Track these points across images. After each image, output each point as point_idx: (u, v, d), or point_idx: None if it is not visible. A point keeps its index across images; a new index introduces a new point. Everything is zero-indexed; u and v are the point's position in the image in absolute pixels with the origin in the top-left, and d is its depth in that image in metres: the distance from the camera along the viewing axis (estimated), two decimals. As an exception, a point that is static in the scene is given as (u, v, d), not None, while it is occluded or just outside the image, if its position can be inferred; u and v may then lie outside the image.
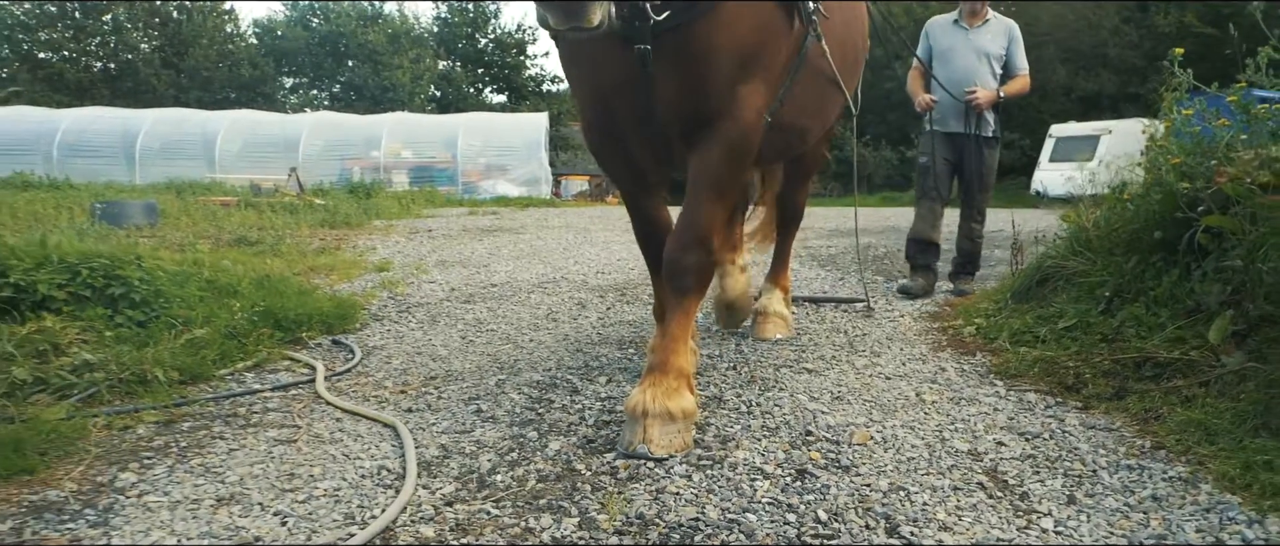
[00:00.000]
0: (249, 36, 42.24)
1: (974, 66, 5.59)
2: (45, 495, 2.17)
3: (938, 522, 1.99)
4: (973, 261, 5.86)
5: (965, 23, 5.74)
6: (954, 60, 5.65)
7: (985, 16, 5.74)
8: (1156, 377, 3.00)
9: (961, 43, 5.66)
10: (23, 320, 3.64)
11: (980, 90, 5.50)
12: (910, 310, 5.08)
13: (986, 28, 5.71)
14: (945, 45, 5.73)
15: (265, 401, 3.11)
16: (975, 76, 5.57)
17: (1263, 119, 3.60)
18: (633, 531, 1.97)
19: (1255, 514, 2.04)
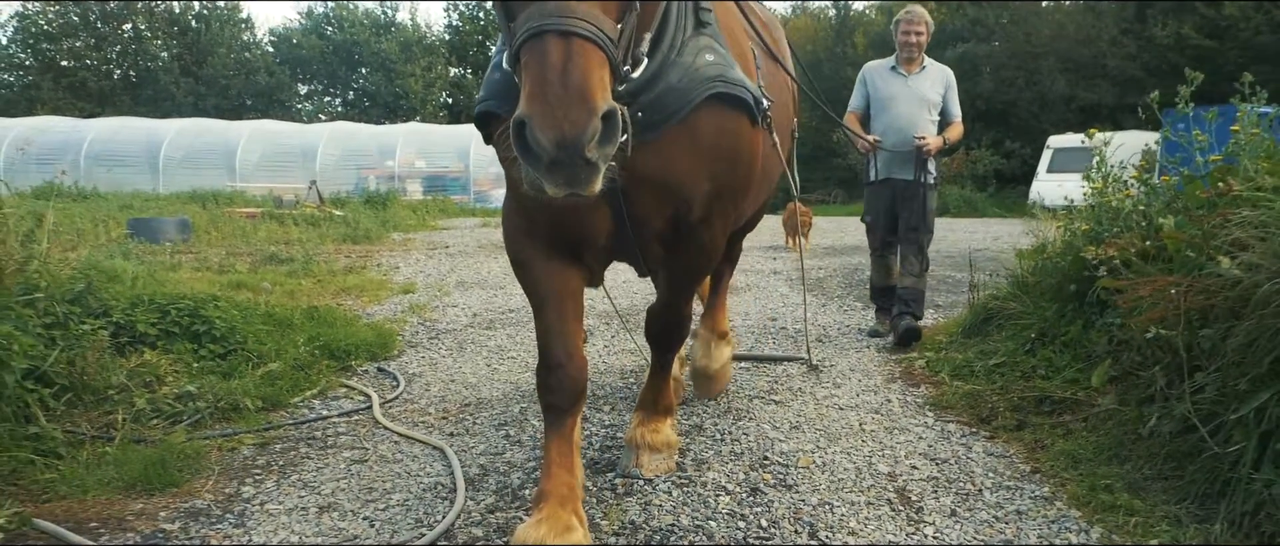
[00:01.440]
0: (265, 45, 43.25)
1: (915, 114, 5.60)
2: (193, 504, 2.92)
3: (848, 529, 2.72)
4: (917, 302, 5.72)
5: (903, 69, 5.72)
6: (895, 107, 5.64)
7: (922, 63, 5.75)
8: (1051, 412, 3.73)
9: (902, 90, 5.66)
10: (124, 353, 4.41)
11: (929, 137, 5.52)
12: (876, 341, 5.80)
13: (925, 74, 5.71)
14: (886, 93, 5.70)
15: (335, 426, 3.86)
16: (917, 123, 5.57)
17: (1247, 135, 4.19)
18: (626, 534, 2.71)
19: (1087, 524, 2.77)
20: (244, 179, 25.32)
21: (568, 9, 1.75)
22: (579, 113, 1.66)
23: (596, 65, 1.74)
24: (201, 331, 4.69)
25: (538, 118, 1.67)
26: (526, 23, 1.76)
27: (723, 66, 2.43)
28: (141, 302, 4.75)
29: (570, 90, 1.68)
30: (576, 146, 1.66)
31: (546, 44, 1.72)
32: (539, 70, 1.71)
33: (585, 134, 1.67)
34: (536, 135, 1.67)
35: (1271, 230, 2.81)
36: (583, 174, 1.73)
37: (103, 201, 20.04)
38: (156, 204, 20.21)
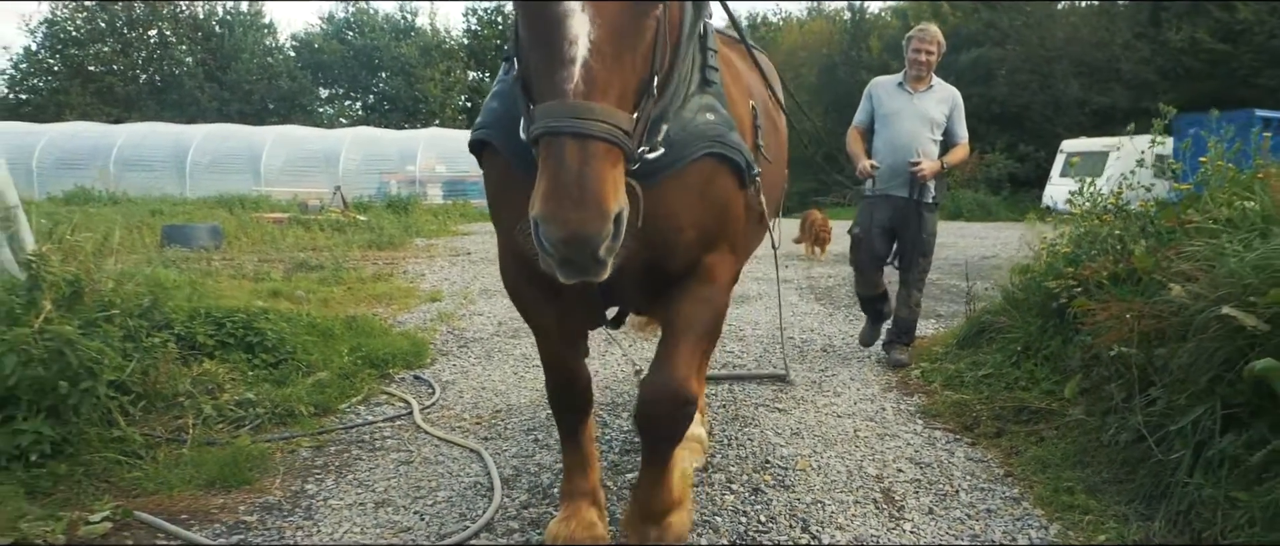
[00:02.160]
0: (287, 49, 43.93)
1: (917, 132, 5.56)
2: (266, 499, 3.35)
3: (836, 525, 3.12)
4: (909, 331, 5.84)
5: (910, 87, 5.69)
6: (897, 124, 5.60)
7: (930, 82, 5.71)
8: (1028, 421, 4.12)
9: (906, 107, 5.62)
10: (187, 363, 4.85)
11: (924, 163, 5.44)
12: (875, 350, 6.18)
13: (931, 93, 5.68)
14: (890, 108, 5.67)
15: (381, 430, 4.28)
16: (918, 142, 5.54)
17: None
18: (643, 527, 3.11)
19: (1047, 522, 3.15)
20: (269, 183, 25.90)
21: (586, 110, 1.77)
22: (593, 219, 1.72)
23: (611, 167, 1.79)
24: (254, 342, 5.13)
25: (553, 222, 1.73)
26: (544, 120, 1.80)
27: (722, 128, 2.44)
28: (199, 315, 5.19)
29: (586, 195, 1.72)
30: (590, 248, 1.74)
31: (563, 147, 1.76)
32: (555, 172, 1.75)
33: (598, 238, 1.73)
34: (551, 237, 1.74)
35: (1213, 263, 3.19)
36: (593, 268, 1.81)
37: (133, 206, 20.61)
38: (185, 208, 20.76)
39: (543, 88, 1.85)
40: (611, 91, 1.82)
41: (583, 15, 1.80)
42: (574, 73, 1.79)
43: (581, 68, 1.79)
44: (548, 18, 1.82)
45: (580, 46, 1.80)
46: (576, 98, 1.78)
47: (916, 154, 5.50)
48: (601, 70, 1.80)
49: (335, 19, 44.70)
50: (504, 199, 2.50)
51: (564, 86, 1.79)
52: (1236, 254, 3.10)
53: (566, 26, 1.80)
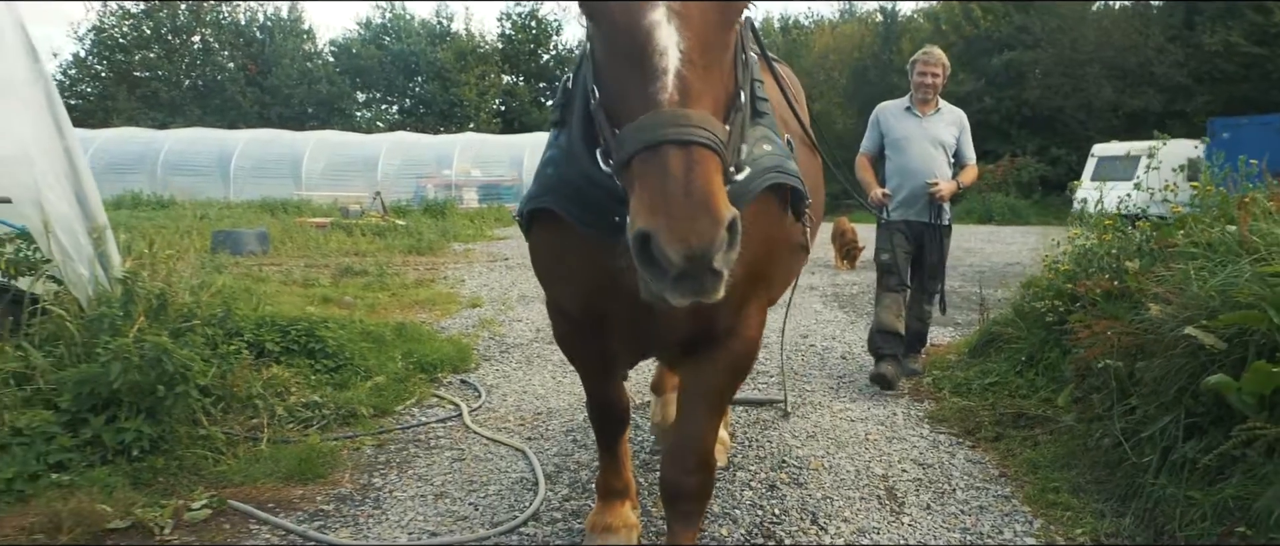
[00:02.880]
0: (326, 55, 44.78)
1: (930, 155, 5.61)
2: (339, 491, 3.80)
3: (842, 518, 3.52)
4: (921, 339, 5.97)
5: (918, 111, 5.72)
6: (909, 149, 5.64)
7: (937, 105, 5.75)
8: (1025, 426, 4.48)
9: (916, 131, 5.65)
10: (256, 368, 5.33)
11: (942, 183, 5.54)
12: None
13: (940, 116, 5.72)
14: (899, 133, 5.69)
15: (434, 430, 4.73)
16: (932, 165, 5.59)
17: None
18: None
19: (1033, 518, 3.52)
20: (309, 187, 26.62)
21: (684, 117, 1.71)
22: (707, 224, 1.62)
23: (716, 172, 1.71)
24: (316, 349, 5.61)
25: (665, 232, 1.62)
26: (641, 134, 1.72)
27: (780, 157, 2.45)
28: (266, 324, 5.68)
29: (695, 202, 1.64)
30: (706, 258, 1.63)
31: (666, 155, 1.67)
32: (660, 182, 1.66)
33: (714, 245, 1.62)
34: (664, 249, 1.62)
35: (1184, 286, 3.54)
36: (709, 283, 1.69)
37: (180, 210, 21.34)
38: (229, 212, 21.47)
39: (633, 105, 1.78)
40: (705, 101, 1.78)
41: (670, 25, 1.77)
42: (668, 82, 1.74)
43: (675, 77, 1.75)
44: (634, 32, 1.77)
45: (671, 56, 1.75)
46: (672, 106, 1.72)
47: (933, 177, 5.55)
48: (695, 79, 1.77)
49: (372, 24, 45.63)
50: (563, 262, 2.53)
51: (659, 97, 1.74)
52: (1201, 279, 3.45)
53: (655, 37, 1.76)
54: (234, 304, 5.85)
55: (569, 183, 2.31)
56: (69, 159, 4.95)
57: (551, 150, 2.48)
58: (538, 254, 2.69)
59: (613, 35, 1.84)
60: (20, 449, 3.70)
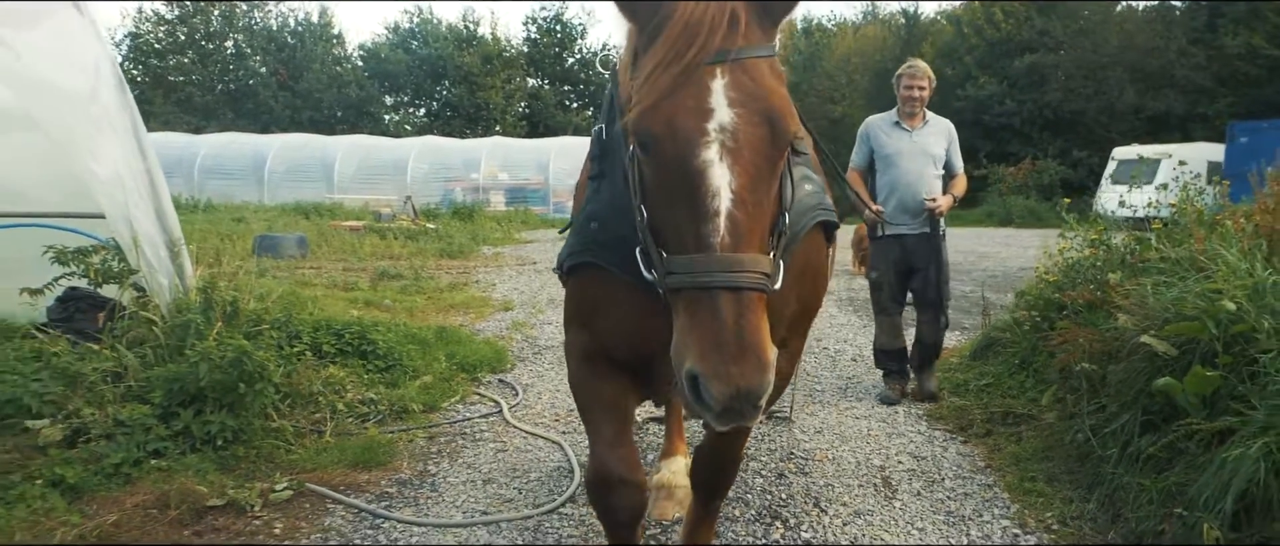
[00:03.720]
0: (355, 59, 45.61)
1: (922, 169, 5.64)
2: (399, 476, 4.32)
3: (841, 502, 4.00)
4: (936, 351, 5.91)
5: (907, 125, 5.73)
6: (901, 163, 5.65)
7: (925, 117, 5.78)
8: (1012, 423, 4.94)
9: (907, 146, 5.67)
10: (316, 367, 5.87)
11: (940, 199, 5.61)
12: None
13: (928, 128, 5.74)
14: (890, 148, 5.71)
15: (478, 425, 5.25)
16: (924, 180, 5.63)
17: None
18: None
19: (1011, 503, 3.99)
20: (341, 190, 27.33)
21: (736, 262, 1.76)
22: (754, 371, 1.70)
23: (764, 314, 1.79)
24: (368, 350, 6.15)
25: (714, 378, 1.70)
26: (693, 276, 1.77)
27: (820, 194, 2.54)
28: (322, 327, 6.22)
29: (746, 349, 1.71)
30: (752, 400, 1.72)
31: (718, 300, 1.74)
32: (712, 327, 1.73)
33: (760, 389, 1.71)
34: (712, 393, 1.70)
35: (1144, 300, 4.00)
36: (750, 414, 1.76)
37: (217, 213, 22.07)
38: (264, 215, 22.17)
39: (684, 239, 1.83)
40: (754, 239, 1.82)
41: (722, 164, 1.79)
42: (720, 225, 1.77)
43: (727, 220, 1.78)
44: (685, 171, 1.80)
45: (723, 198, 1.78)
46: (724, 250, 1.77)
47: (925, 191, 5.61)
48: (745, 219, 1.79)
49: (400, 28, 46.45)
50: (606, 308, 2.49)
51: (711, 240, 1.77)
52: (1158, 294, 3.90)
53: (708, 178, 1.79)
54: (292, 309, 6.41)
55: (613, 244, 2.30)
56: (150, 180, 5.51)
57: (593, 204, 2.47)
58: (580, 302, 2.64)
59: (663, 167, 1.85)
60: (123, 437, 4.25)
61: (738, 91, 1.81)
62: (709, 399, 1.72)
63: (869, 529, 3.73)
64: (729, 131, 1.79)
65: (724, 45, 1.81)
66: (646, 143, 1.86)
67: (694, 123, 1.79)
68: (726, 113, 1.79)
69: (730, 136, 1.79)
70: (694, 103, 1.79)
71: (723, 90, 1.80)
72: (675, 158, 1.80)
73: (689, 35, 1.80)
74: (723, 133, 1.78)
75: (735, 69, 1.82)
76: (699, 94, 1.80)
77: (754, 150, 1.81)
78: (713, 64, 1.81)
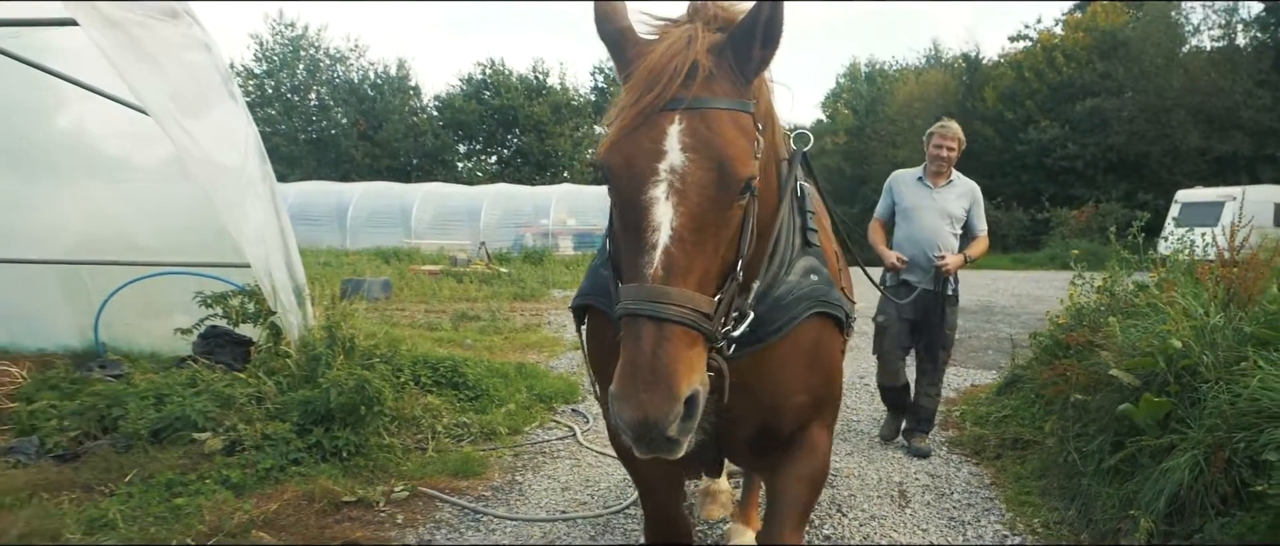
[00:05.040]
0: (430, 110, 47.61)
1: (937, 227, 5.75)
2: (491, 484, 5.21)
3: (860, 508, 4.76)
4: (930, 419, 6.06)
5: (930, 182, 5.87)
6: (918, 219, 5.78)
7: (949, 177, 5.90)
8: (1020, 448, 5.63)
9: (926, 202, 5.80)
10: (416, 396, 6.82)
11: (949, 256, 5.68)
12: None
13: (951, 188, 5.86)
14: (910, 203, 5.85)
15: (555, 447, 6.12)
16: (938, 237, 5.73)
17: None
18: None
19: (1006, 512, 4.71)
20: (418, 236, 28.74)
21: (663, 294, 1.84)
22: (662, 399, 1.77)
23: (685, 348, 1.84)
24: (459, 382, 7.09)
25: (623, 400, 1.79)
26: (625, 303, 1.87)
27: (825, 287, 2.56)
28: (420, 361, 7.19)
29: (657, 377, 1.78)
30: (659, 429, 1.77)
31: (640, 329, 1.82)
32: (632, 353, 1.82)
33: (667, 418, 1.77)
34: (622, 416, 1.79)
35: (1119, 341, 4.71)
36: (665, 447, 1.83)
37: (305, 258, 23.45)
38: (348, 260, 23.54)
39: (628, 270, 1.94)
40: (691, 276, 1.89)
41: (666, 204, 1.88)
42: (655, 258, 1.87)
43: (662, 253, 1.87)
44: (635, 205, 1.91)
45: (662, 234, 1.87)
46: (655, 282, 1.85)
47: (938, 248, 5.71)
48: (681, 256, 1.88)
49: (473, 79, 48.35)
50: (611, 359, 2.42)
51: (645, 271, 1.87)
52: (1127, 333, 4.62)
53: (651, 214, 1.89)
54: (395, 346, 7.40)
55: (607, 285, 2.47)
56: (283, 237, 6.55)
57: (599, 256, 2.72)
58: (592, 345, 2.75)
59: (619, 201, 1.98)
60: (270, 448, 5.22)
61: (692, 137, 1.91)
62: (619, 423, 1.82)
63: (881, 530, 4.50)
64: (678, 173, 1.89)
65: (680, 93, 1.93)
66: (607, 176, 2.01)
67: (647, 163, 1.91)
68: (678, 156, 1.90)
69: (678, 178, 1.89)
70: (650, 144, 1.92)
71: (677, 135, 1.91)
72: (628, 192, 1.93)
73: (650, 81, 1.94)
74: (672, 173, 1.89)
75: (693, 116, 1.93)
76: (655, 136, 1.92)
77: (700, 192, 1.90)
78: (669, 110, 1.93)
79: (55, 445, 5.55)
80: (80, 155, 7.54)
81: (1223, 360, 4.07)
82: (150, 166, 7.54)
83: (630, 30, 2.10)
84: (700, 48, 1.96)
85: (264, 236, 6.20)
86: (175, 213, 7.56)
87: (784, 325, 2.42)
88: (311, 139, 44.90)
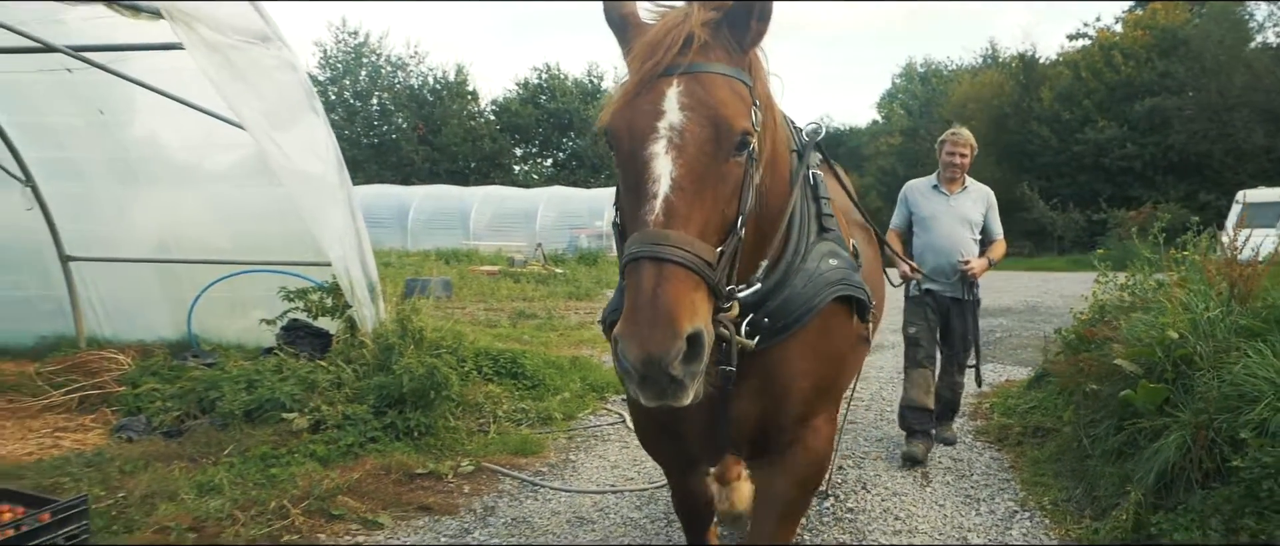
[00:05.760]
0: (488, 114, 48.63)
1: (957, 234, 5.79)
2: (548, 462, 5.74)
3: (883, 485, 5.19)
4: (954, 408, 6.28)
5: (945, 189, 5.91)
6: (937, 227, 5.82)
7: (964, 183, 5.93)
8: (1041, 435, 6.00)
9: (944, 209, 5.84)
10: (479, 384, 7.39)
11: (973, 260, 5.73)
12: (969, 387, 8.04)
13: (966, 194, 5.90)
14: (927, 211, 5.88)
15: (605, 431, 6.63)
16: (959, 243, 5.77)
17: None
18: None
19: (1021, 492, 5.10)
20: (476, 238, 29.55)
21: (662, 236, 1.88)
22: (664, 335, 1.78)
23: (687, 289, 1.86)
24: (517, 372, 7.65)
25: (627, 338, 1.81)
26: (628, 250, 1.93)
27: (846, 270, 2.61)
28: (481, 353, 7.76)
29: (659, 313, 1.80)
30: (661, 364, 1.78)
31: (641, 269, 1.86)
32: (634, 294, 1.86)
33: (669, 354, 1.78)
34: (625, 353, 1.82)
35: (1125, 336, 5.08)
36: (670, 389, 1.85)
37: (368, 259, 24.36)
38: (410, 261, 24.35)
39: (631, 225, 2.01)
40: (692, 224, 1.95)
41: (666, 158, 1.97)
42: (656, 206, 1.93)
43: (662, 201, 1.93)
44: (637, 161, 2.00)
45: (662, 184, 1.95)
46: (656, 227, 1.91)
47: (960, 255, 5.73)
48: (681, 204, 1.94)
49: (530, 84, 49.26)
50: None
51: (646, 219, 1.93)
52: (1131, 326, 4.98)
53: (651, 168, 1.97)
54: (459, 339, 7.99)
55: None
56: (358, 237, 7.16)
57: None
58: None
59: (622, 162, 2.07)
60: (350, 427, 5.81)
61: (689, 98, 2.02)
62: (625, 362, 1.84)
63: (901, 504, 4.93)
64: (676, 130, 1.99)
65: (676, 61, 2.04)
66: (611, 140, 2.10)
67: (647, 122, 2.01)
68: (676, 115, 2.00)
69: (677, 134, 1.98)
70: (650, 106, 2.02)
71: (676, 96, 2.02)
72: (630, 151, 2.03)
73: (648, 51, 2.06)
74: (671, 131, 1.99)
75: (690, 80, 2.04)
76: (654, 98, 2.02)
77: (698, 147, 1.99)
78: (668, 76, 2.04)
79: (160, 423, 6.25)
80: (158, 163, 8.16)
81: (1216, 350, 4.43)
82: (219, 172, 8.17)
83: (634, 14, 2.24)
84: (696, 21, 2.07)
85: (343, 237, 6.81)
86: (247, 215, 8.18)
87: (805, 314, 2.47)
88: (373, 143, 46.14)
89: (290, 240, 7.87)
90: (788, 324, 2.44)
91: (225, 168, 8.06)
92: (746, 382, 2.45)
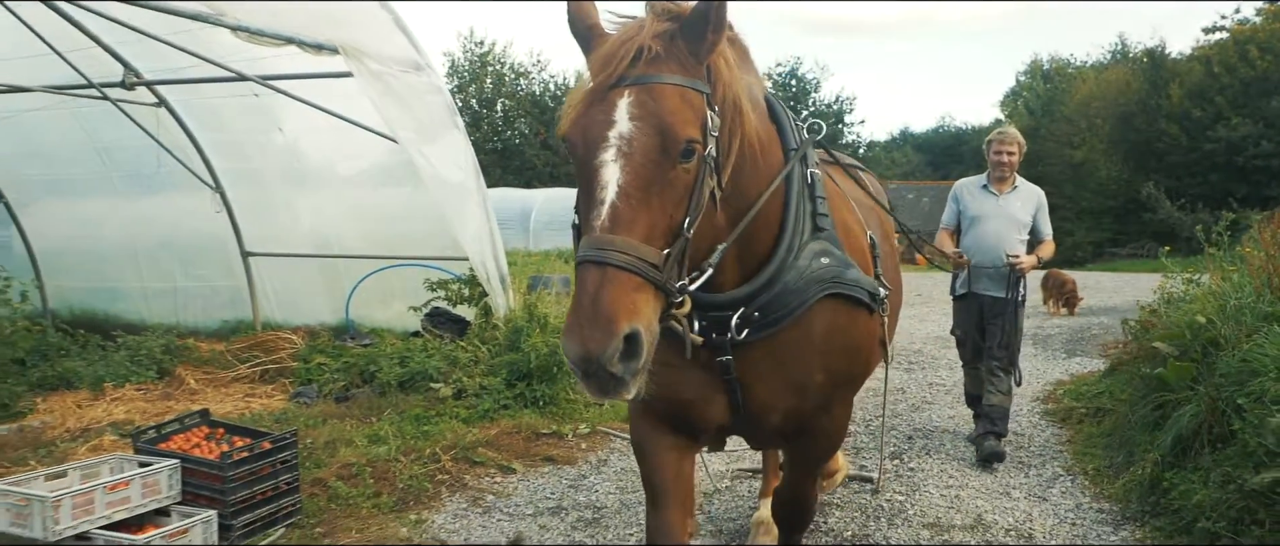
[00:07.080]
0: (606, 118, 50.01)
1: (1006, 232, 5.81)
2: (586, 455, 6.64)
3: (947, 452, 5.90)
4: (1004, 418, 5.95)
5: (994, 189, 5.94)
6: (984, 226, 5.86)
7: (1013, 183, 5.96)
8: (1100, 415, 6.56)
9: (992, 209, 5.87)
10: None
11: (1022, 257, 5.72)
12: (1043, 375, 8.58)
13: (1015, 194, 5.93)
14: (976, 211, 5.92)
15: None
16: (1005, 243, 5.76)
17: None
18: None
19: (1069, 460, 5.73)
20: (593, 239, 30.71)
21: (607, 241, 1.96)
22: (603, 334, 1.88)
23: (628, 291, 1.95)
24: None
25: (568, 336, 1.93)
26: (578, 251, 2.03)
27: (838, 268, 2.66)
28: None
29: (598, 314, 1.89)
30: (599, 363, 1.88)
31: (586, 272, 1.96)
32: (578, 295, 1.96)
33: (605, 352, 1.87)
34: (567, 352, 1.94)
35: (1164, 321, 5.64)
36: (610, 386, 1.96)
37: (493, 258, 25.84)
38: (531, 260, 25.67)
39: (584, 228, 2.08)
40: (637, 228, 2.01)
41: (614, 165, 2.03)
42: (603, 212, 2.00)
43: (608, 207, 2.00)
44: (589, 168, 2.07)
45: (609, 190, 2.01)
46: (602, 232, 1.98)
47: (1007, 251, 5.74)
48: (626, 210, 2.00)
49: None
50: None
51: (594, 224, 2.01)
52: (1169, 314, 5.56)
53: (601, 175, 2.04)
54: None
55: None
56: (491, 236, 8.24)
57: None
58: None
59: (577, 169, 2.14)
60: (487, 395, 6.87)
61: (638, 108, 2.07)
62: (568, 359, 1.96)
63: (958, 467, 5.65)
64: (625, 139, 2.04)
65: (628, 72, 2.10)
66: (569, 148, 2.18)
67: (599, 131, 2.07)
68: (625, 124, 2.06)
69: (626, 142, 2.04)
70: (602, 115, 2.08)
71: (626, 107, 2.07)
72: (583, 158, 2.10)
73: (603, 62, 2.13)
74: (620, 139, 2.04)
75: (640, 91, 2.09)
76: (606, 109, 2.09)
77: (644, 155, 2.04)
78: (619, 87, 2.10)
79: (330, 391, 7.47)
80: (301, 169, 9.37)
81: (1242, 332, 5.00)
82: (349, 176, 9.35)
83: (597, 26, 2.30)
84: (648, 34, 2.13)
85: (479, 235, 7.90)
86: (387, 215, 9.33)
87: (795, 309, 2.55)
88: (497, 148, 48.07)
89: (427, 237, 8.96)
90: (778, 318, 2.54)
91: (369, 174, 9.24)
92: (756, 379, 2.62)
